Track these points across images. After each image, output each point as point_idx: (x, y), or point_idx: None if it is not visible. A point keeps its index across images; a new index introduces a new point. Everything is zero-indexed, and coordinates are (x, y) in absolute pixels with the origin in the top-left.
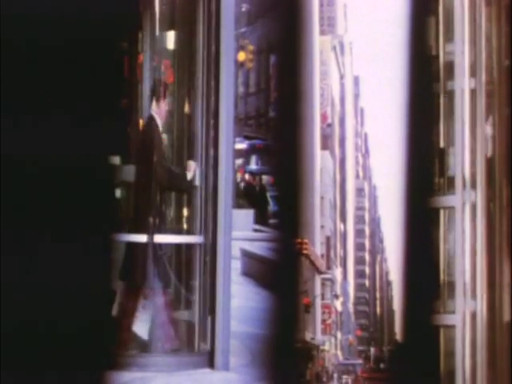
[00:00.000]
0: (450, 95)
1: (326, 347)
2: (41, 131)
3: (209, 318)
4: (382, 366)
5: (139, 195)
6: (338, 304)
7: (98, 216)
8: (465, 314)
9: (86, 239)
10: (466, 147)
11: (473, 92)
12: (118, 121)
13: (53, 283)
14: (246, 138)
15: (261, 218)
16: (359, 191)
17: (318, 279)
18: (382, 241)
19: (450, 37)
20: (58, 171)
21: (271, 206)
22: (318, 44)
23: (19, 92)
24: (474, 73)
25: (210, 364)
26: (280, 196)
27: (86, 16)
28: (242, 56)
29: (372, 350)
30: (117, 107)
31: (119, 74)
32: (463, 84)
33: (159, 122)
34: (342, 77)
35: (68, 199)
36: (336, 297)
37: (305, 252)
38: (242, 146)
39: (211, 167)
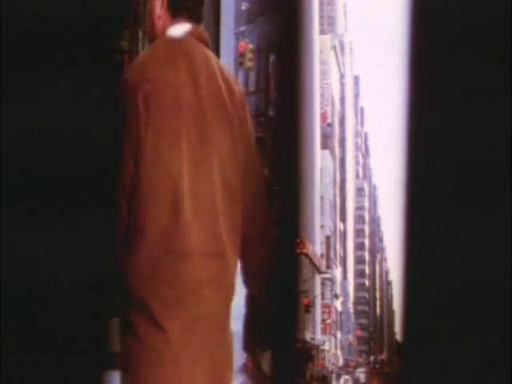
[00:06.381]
0: None
1: (326, 347)
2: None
3: None
4: (377, 366)
5: None
6: (337, 304)
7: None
8: None
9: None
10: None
11: None
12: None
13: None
14: None
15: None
16: (359, 191)
17: (317, 279)
18: (381, 240)
19: None
20: None
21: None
22: (318, 43)
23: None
24: None
25: None
26: (280, 195)
27: (85, 13)
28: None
29: (371, 357)
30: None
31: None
32: None
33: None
34: (342, 76)
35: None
36: (336, 296)
37: (304, 251)
38: None
39: None
